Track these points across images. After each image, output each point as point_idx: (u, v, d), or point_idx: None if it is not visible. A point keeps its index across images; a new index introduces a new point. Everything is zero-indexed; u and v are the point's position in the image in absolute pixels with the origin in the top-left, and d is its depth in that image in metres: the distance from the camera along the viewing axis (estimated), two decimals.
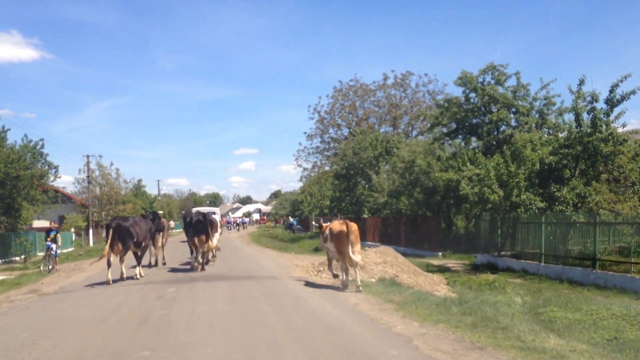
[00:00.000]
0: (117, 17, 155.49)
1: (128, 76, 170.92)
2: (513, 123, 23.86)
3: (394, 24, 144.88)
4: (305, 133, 51.56)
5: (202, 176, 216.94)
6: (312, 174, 50.28)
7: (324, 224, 12.50)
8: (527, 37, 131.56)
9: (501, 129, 24.45)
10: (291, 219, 52.21)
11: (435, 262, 21.58)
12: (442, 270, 19.24)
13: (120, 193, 57.45)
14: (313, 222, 54.36)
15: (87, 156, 51.21)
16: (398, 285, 12.05)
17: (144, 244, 14.50)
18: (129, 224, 13.60)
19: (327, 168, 49.18)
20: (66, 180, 71.26)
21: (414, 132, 44.84)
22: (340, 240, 11.07)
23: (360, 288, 10.89)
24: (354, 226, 11.23)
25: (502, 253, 18.73)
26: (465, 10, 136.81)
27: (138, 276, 14.08)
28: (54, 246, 21.09)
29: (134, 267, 14.70)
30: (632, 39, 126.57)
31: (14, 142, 28.94)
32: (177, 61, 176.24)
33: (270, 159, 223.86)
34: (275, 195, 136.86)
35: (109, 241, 13.00)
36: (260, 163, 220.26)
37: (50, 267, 20.54)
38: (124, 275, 13.70)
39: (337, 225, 11.47)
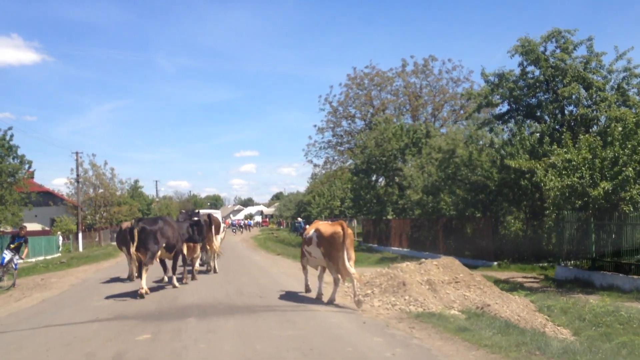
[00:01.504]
0: (118, 19, 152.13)
1: (129, 78, 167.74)
2: (584, 101, 19.20)
3: (395, 25, 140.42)
4: (315, 126, 46.88)
5: (203, 178, 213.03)
6: (323, 171, 45.44)
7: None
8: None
9: (568, 109, 19.84)
10: (300, 220, 47.60)
11: (496, 274, 16.96)
12: (514, 287, 14.63)
13: (116, 194, 53.31)
14: (299, 220, 49.67)
15: (77, 153, 46.58)
16: (514, 328, 7.44)
17: (176, 248, 12.55)
18: (157, 227, 11.72)
19: (339, 164, 44.46)
20: (63, 182, 67.09)
21: (437, 124, 40.18)
22: (333, 244, 9.27)
23: (362, 305, 9.07)
24: (349, 229, 9.59)
25: (598, 265, 14.11)
26: (465, 10, 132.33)
27: (176, 284, 12.47)
28: (15, 257, 16.51)
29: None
30: (633, 39, 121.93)
31: None
32: (178, 63, 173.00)
33: (271, 161, 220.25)
34: (277, 197, 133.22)
35: (134, 245, 11.37)
36: (261, 165, 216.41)
37: (7, 283, 16.01)
38: (143, 291, 11.11)
39: (327, 226, 9.77)
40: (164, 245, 11.82)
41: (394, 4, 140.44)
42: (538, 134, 18.88)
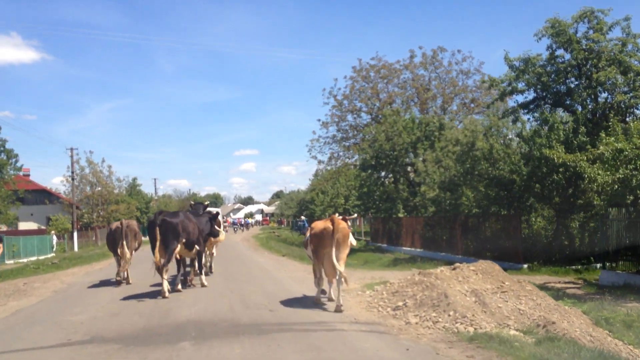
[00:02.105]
0: (118, 19, 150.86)
1: (129, 78, 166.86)
2: (621, 87, 17.44)
3: (395, 25, 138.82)
4: (319, 120, 44.84)
5: (203, 177, 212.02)
6: (328, 167, 43.47)
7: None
8: (529, 35, 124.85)
9: (601, 96, 18.09)
10: (303, 218, 45.80)
11: (529, 279, 15.19)
12: (557, 295, 12.82)
13: (113, 192, 51.57)
14: (301, 219, 47.98)
15: (71, 149, 44.73)
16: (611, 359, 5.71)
17: (197, 246, 11.56)
18: (177, 220, 10.81)
19: (344, 160, 42.54)
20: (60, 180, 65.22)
21: (447, 117, 38.34)
22: (322, 240, 8.61)
23: (341, 308, 8.34)
24: (341, 224, 8.70)
25: None
26: (465, 9, 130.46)
27: (192, 283, 11.89)
28: None
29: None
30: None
31: None
32: (178, 63, 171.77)
33: (271, 160, 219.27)
34: (277, 195, 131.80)
35: (158, 244, 10.38)
36: (260, 164, 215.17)
37: None
38: (178, 287, 11.13)
39: (319, 223, 9.22)
40: (183, 241, 10.92)
41: (394, 4, 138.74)
42: (573, 123, 17.09)
